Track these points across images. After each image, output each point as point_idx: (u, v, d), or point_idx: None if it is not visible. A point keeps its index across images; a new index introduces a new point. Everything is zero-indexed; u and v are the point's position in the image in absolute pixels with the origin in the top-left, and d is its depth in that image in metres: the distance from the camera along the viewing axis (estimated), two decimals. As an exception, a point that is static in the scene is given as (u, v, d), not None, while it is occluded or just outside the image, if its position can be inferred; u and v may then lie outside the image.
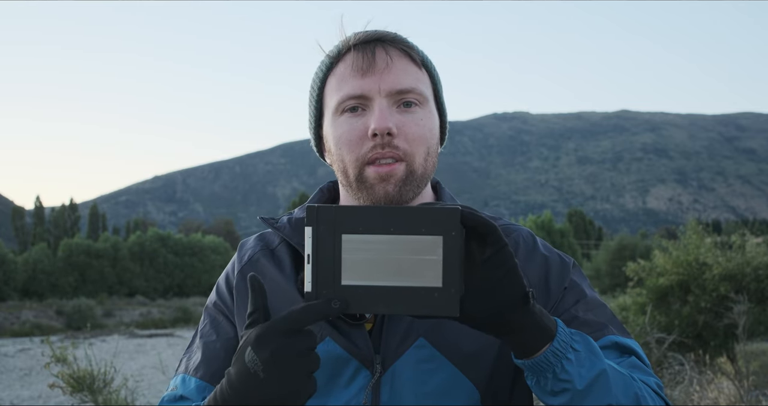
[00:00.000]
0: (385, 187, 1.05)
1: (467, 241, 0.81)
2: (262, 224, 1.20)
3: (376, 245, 0.77)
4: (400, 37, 1.10)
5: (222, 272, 1.22)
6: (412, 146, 1.05)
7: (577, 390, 0.86)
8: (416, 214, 0.76)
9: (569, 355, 0.86)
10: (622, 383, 0.90)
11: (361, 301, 0.78)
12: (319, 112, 1.14)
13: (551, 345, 0.85)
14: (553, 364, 0.85)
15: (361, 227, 0.77)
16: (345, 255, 0.77)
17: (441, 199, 1.18)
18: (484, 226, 0.79)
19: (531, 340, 0.85)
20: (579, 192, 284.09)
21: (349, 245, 0.77)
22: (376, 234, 0.77)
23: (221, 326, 1.15)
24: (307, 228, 0.78)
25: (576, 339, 0.88)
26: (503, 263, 0.80)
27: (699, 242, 7.89)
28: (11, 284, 42.24)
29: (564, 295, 1.08)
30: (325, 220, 0.77)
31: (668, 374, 6.53)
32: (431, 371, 1.00)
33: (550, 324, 0.86)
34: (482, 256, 0.81)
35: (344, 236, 0.77)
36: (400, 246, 0.76)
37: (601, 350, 0.99)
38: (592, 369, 0.87)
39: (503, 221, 1.19)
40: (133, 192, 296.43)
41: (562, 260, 1.14)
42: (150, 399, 10.81)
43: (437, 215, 0.76)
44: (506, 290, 0.81)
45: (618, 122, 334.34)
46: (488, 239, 0.80)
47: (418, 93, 1.07)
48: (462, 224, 0.77)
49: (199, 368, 1.11)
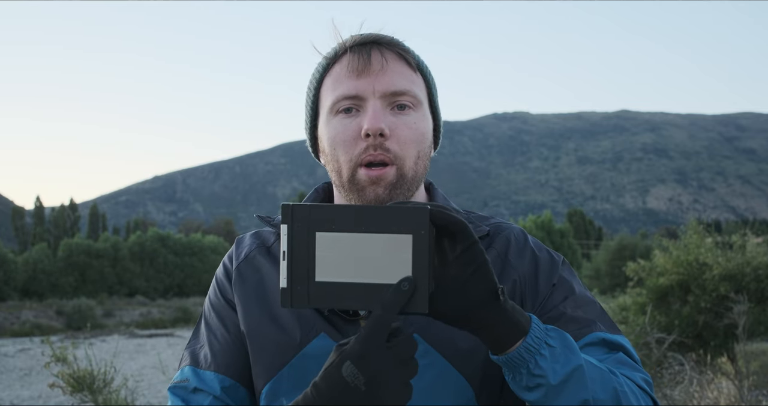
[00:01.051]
0: (375, 189, 1.06)
1: (439, 238, 0.83)
2: (261, 223, 1.22)
3: (348, 242, 0.79)
4: (396, 41, 1.12)
5: (219, 265, 1.22)
6: (404, 149, 1.06)
7: (552, 385, 0.87)
8: (387, 213, 0.78)
9: (543, 351, 0.87)
10: (600, 379, 0.90)
11: (334, 297, 0.80)
12: (314, 113, 1.16)
13: (524, 341, 0.86)
14: (526, 360, 0.86)
15: (335, 225, 0.79)
16: (319, 252, 0.79)
17: (433, 201, 1.18)
18: (453, 224, 0.80)
19: (503, 336, 0.86)
20: (579, 192, 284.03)
21: (322, 242, 0.79)
22: (348, 232, 0.79)
23: (229, 317, 1.15)
24: (283, 226, 0.80)
25: (551, 335, 0.89)
26: (473, 260, 0.82)
27: (699, 242, 7.88)
28: (11, 284, 42.23)
29: (552, 292, 1.09)
30: (299, 218, 0.79)
31: (668, 374, 6.53)
32: (425, 366, 1.01)
33: (522, 320, 0.87)
34: (453, 253, 0.82)
35: (318, 234, 0.79)
36: (371, 244, 0.78)
37: (589, 346, 1.01)
38: (566, 365, 0.87)
39: (495, 220, 1.19)
40: (133, 192, 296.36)
41: (551, 258, 1.14)
42: (150, 399, 10.81)
43: (407, 214, 0.78)
44: (476, 287, 0.83)
45: (618, 122, 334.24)
46: (458, 237, 0.81)
47: (412, 96, 1.08)
48: (432, 223, 0.79)
49: (213, 361, 1.12)
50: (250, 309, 1.12)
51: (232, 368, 1.11)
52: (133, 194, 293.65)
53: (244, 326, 1.12)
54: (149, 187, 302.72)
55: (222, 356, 1.12)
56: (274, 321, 1.09)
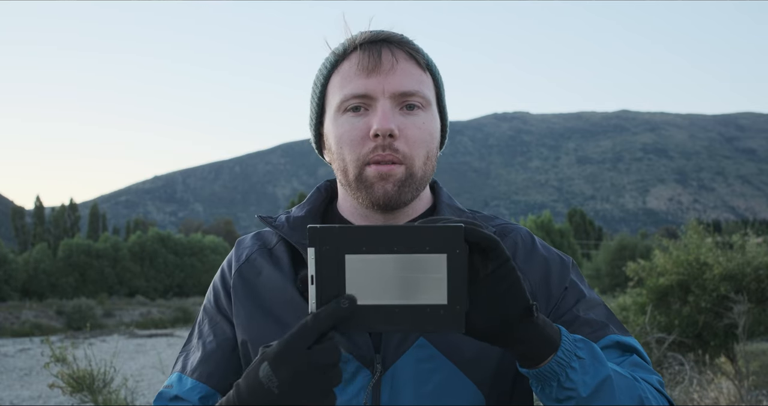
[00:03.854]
0: (384, 186, 1.05)
1: (470, 255, 0.81)
2: (262, 224, 1.20)
3: (380, 264, 0.77)
4: (407, 39, 1.10)
5: (218, 270, 1.21)
6: (412, 149, 1.05)
7: (582, 397, 0.87)
8: (419, 233, 0.76)
9: (573, 363, 0.87)
10: (626, 387, 0.90)
11: (366, 320, 0.78)
12: (320, 110, 1.14)
13: (556, 355, 0.86)
14: (557, 373, 0.86)
15: (365, 246, 0.76)
16: (349, 275, 0.77)
17: (439, 200, 1.18)
18: (486, 241, 0.79)
19: (535, 351, 0.85)
20: (579, 192, 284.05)
21: (352, 265, 0.77)
22: (379, 254, 0.77)
23: (219, 326, 1.15)
24: (310, 249, 0.77)
25: (579, 346, 0.89)
26: (506, 277, 0.81)
27: (699, 242, 7.88)
28: (11, 284, 42.24)
29: (565, 295, 1.09)
30: (327, 240, 0.77)
31: (668, 374, 6.53)
32: (432, 370, 1.00)
33: (554, 334, 0.87)
34: (485, 270, 0.81)
35: (348, 256, 0.77)
36: (404, 265, 0.76)
37: (604, 349, 1.01)
38: (596, 376, 0.87)
39: (501, 220, 1.19)
40: (133, 192, 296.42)
41: (561, 260, 1.14)
42: (150, 399, 10.80)
43: (441, 233, 0.76)
44: (510, 304, 0.82)
45: (618, 122, 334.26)
46: (491, 254, 0.80)
47: (421, 96, 1.07)
48: (465, 241, 0.78)
49: (197, 369, 1.11)
50: (252, 316, 1.11)
51: (214, 378, 1.10)
52: (133, 194, 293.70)
53: (246, 333, 1.10)
54: (149, 187, 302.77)
55: (206, 364, 1.11)
56: (277, 324, 1.07)
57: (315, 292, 0.78)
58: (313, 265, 0.77)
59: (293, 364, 0.77)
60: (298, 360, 0.77)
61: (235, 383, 0.82)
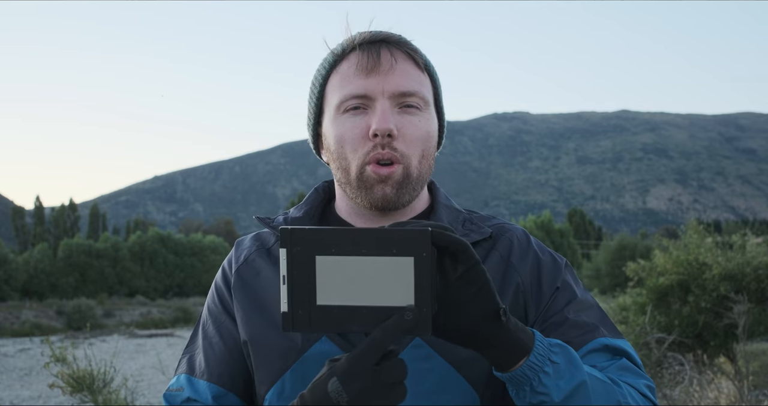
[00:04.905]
0: (383, 188, 1.06)
1: (440, 258, 0.82)
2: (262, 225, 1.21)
3: (349, 266, 0.78)
4: (405, 40, 1.11)
5: (219, 270, 1.22)
6: (410, 149, 1.06)
7: (555, 402, 0.87)
8: (388, 235, 0.78)
9: (546, 368, 0.87)
10: (603, 392, 0.90)
11: (336, 320, 0.80)
12: (319, 110, 1.14)
13: (528, 359, 0.86)
14: (529, 377, 0.86)
15: (334, 248, 0.78)
16: (319, 276, 0.78)
17: (436, 201, 1.18)
18: (455, 245, 0.80)
19: (507, 355, 0.86)
20: (579, 192, 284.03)
21: (323, 266, 0.78)
22: (349, 255, 0.78)
23: (224, 326, 1.15)
24: (282, 250, 0.79)
25: (555, 351, 0.89)
26: (475, 280, 0.82)
27: (699, 242, 7.88)
28: (11, 284, 42.26)
29: (556, 295, 1.09)
30: (299, 241, 0.78)
31: (668, 374, 6.53)
32: (427, 370, 1.01)
33: (526, 339, 0.87)
34: (455, 273, 0.82)
35: (318, 258, 0.78)
36: (372, 267, 0.78)
37: (592, 352, 1.01)
38: (570, 381, 0.87)
39: (497, 220, 1.19)
40: (133, 192, 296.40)
41: (554, 260, 1.14)
42: (150, 399, 10.81)
43: (408, 236, 0.77)
44: (479, 307, 0.82)
45: (618, 122, 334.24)
46: (460, 257, 0.81)
47: (420, 96, 1.08)
48: (433, 244, 0.79)
49: (206, 370, 1.12)
50: (251, 315, 1.11)
51: (225, 377, 1.11)
52: (133, 194, 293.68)
53: (246, 333, 1.11)
54: (149, 187, 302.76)
55: (216, 365, 1.12)
56: (275, 326, 1.08)
57: (287, 292, 0.80)
58: (285, 265, 0.79)
59: (364, 381, 0.77)
60: (368, 377, 0.78)
61: (301, 393, 0.82)
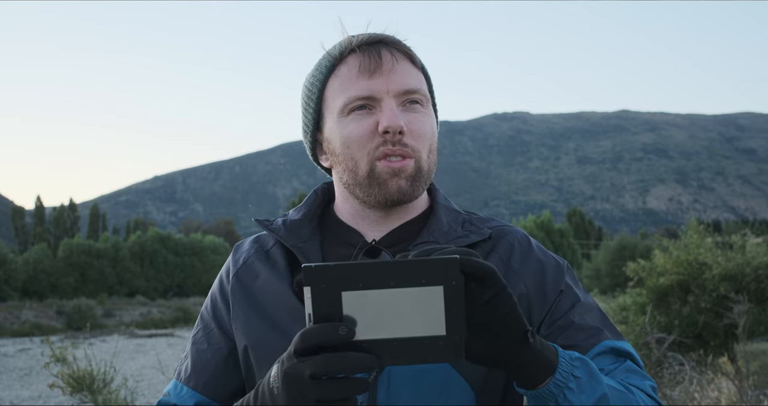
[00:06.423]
0: (398, 182, 1.07)
1: (466, 283, 0.81)
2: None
3: (377, 299, 0.77)
4: (400, 40, 1.12)
5: (217, 276, 1.22)
6: (419, 143, 1.08)
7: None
8: (414, 266, 0.77)
9: (570, 384, 0.88)
10: (621, 401, 0.93)
11: None
12: (318, 115, 1.14)
13: (553, 377, 0.87)
14: (555, 394, 0.88)
15: (361, 283, 0.77)
16: (346, 312, 0.77)
17: (435, 202, 1.18)
18: (482, 270, 0.80)
19: (533, 374, 0.87)
20: (579, 192, 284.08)
21: (349, 301, 0.77)
22: (376, 289, 0.77)
23: (213, 334, 1.16)
24: (306, 288, 0.78)
25: (576, 365, 0.90)
26: (503, 305, 0.82)
27: (699, 242, 7.88)
28: (11, 284, 42.27)
29: (560, 299, 1.09)
30: (323, 278, 0.77)
31: (668, 374, 6.52)
32: (427, 370, 1.01)
33: (551, 357, 0.88)
34: (483, 298, 0.82)
35: (344, 293, 0.77)
36: (401, 299, 0.77)
37: (598, 355, 1.03)
38: (592, 394, 0.89)
39: (497, 222, 1.19)
40: (133, 192, 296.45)
41: (557, 263, 1.14)
42: (150, 399, 10.81)
43: (436, 266, 0.77)
44: (507, 331, 0.84)
45: (618, 122, 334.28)
46: (487, 283, 0.81)
47: (422, 94, 1.10)
48: (461, 271, 0.79)
49: (191, 378, 1.14)
50: (252, 320, 1.11)
51: (209, 388, 1.13)
52: (133, 194, 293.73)
53: (247, 337, 1.11)
54: (149, 187, 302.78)
55: (201, 373, 1.14)
56: (275, 329, 1.08)
57: None
58: (310, 304, 0.78)
59: (285, 365, 0.81)
60: (290, 362, 0.81)
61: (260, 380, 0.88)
